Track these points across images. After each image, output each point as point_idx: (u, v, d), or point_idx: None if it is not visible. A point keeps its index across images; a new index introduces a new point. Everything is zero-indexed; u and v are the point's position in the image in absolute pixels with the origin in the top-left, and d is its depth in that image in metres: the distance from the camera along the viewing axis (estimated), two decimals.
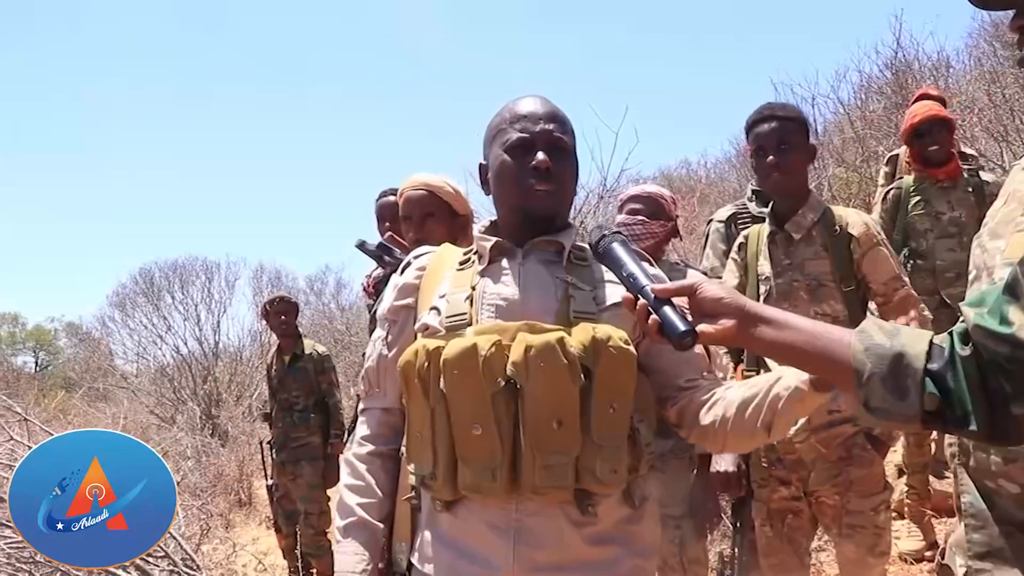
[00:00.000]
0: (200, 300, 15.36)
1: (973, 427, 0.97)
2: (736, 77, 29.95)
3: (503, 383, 1.38)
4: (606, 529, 1.44)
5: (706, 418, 1.44)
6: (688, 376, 1.51)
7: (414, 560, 1.53)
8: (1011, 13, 1.03)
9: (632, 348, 1.42)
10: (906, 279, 2.50)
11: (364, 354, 3.35)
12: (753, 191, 3.60)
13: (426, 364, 1.42)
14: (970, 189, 3.93)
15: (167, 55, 44.11)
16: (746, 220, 3.37)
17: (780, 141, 2.45)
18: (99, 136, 41.84)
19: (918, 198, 3.98)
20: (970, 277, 1.24)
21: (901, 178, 4.20)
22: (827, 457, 2.45)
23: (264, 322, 5.86)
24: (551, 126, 1.53)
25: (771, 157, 2.46)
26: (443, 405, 1.40)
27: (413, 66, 41.96)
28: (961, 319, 1.02)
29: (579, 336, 1.39)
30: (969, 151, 4.84)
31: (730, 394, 1.42)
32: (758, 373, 2.48)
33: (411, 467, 1.51)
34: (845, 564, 2.54)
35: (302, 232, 36.12)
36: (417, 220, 2.55)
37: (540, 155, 1.50)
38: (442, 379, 1.40)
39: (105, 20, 44.06)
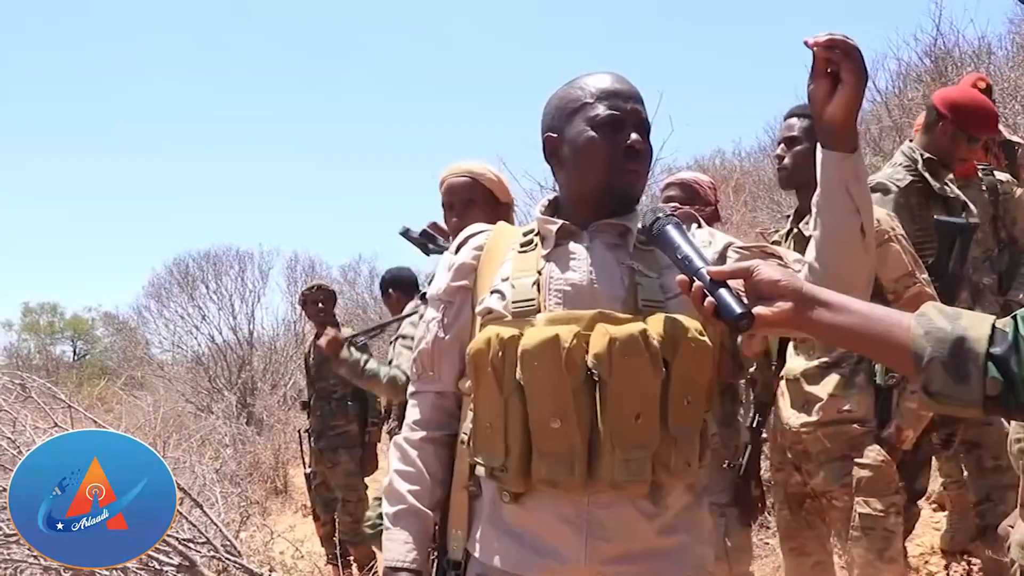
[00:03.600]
0: (234, 290, 15.44)
1: None
2: (771, 65, 29.59)
3: (584, 376, 1.33)
4: (673, 518, 1.41)
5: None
6: None
7: (472, 550, 1.48)
8: None
9: (708, 340, 1.38)
10: (921, 276, 2.40)
11: (390, 343, 3.35)
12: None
13: (500, 353, 1.37)
14: (984, 188, 4.01)
15: (200, 42, 44.54)
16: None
17: (792, 137, 2.48)
18: (133, 125, 42.28)
19: None
20: None
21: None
22: (832, 452, 2.40)
23: (301, 310, 5.89)
24: (639, 106, 1.50)
25: (779, 153, 2.51)
26: (518, 396, 1.35)
27: (442, 55, 41.95)
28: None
29: (656, 327, 1.35)
30: (1015, 139, 4.81)
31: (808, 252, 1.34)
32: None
33: (479, 458, 1.44)
34: (855, 570, 2.43)
35: (335, 222, 36.34)
36: (459, 207, 2.53)
37: (635, 135, 1.47)
38: (519, 370, 1.35)
39: (138, 5, 44.57)
